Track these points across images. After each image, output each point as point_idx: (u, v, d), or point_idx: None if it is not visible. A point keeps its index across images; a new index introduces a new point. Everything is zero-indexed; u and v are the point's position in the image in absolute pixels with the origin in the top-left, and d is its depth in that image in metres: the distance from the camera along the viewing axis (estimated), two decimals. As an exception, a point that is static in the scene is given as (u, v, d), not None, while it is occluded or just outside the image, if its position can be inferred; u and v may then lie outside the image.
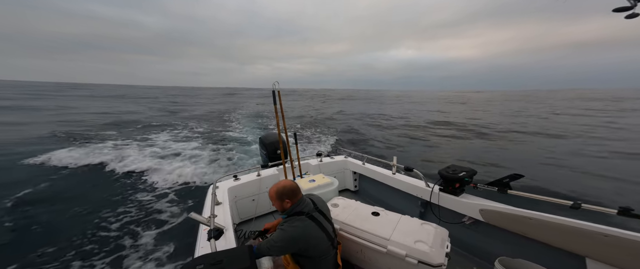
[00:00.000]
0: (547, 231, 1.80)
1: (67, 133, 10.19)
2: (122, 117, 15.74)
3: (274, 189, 1.56)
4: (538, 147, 9.71)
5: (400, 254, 1.61)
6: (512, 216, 1.97)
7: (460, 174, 2.28)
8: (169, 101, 35.01)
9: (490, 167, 7.27)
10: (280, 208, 1.57)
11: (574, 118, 18.52)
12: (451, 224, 2.31)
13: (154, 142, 9.71)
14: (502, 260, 1.77)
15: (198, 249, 1.71)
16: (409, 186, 2.81)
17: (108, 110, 19.66)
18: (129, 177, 6.07)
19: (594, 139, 10.99)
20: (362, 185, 3.74)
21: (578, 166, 7.22)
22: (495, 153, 8.97)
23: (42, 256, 3.27)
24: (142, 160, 7.09)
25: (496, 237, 2.14)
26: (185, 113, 20.30)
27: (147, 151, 8.21)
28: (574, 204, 1.73)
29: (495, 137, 11.85)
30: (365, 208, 2.10)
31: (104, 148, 8.12)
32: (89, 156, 7.11)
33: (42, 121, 13.28)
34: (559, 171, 6.94)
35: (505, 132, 13.07)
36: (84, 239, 3.64)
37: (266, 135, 4.03)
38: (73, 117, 15.48)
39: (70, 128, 11.38)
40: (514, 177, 2.12)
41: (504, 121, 17.36)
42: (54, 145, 8.16)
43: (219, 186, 2.78)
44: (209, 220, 1.74)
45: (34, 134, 9.83)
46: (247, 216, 3.03)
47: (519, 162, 7.92)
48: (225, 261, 1.17)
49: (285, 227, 1.48)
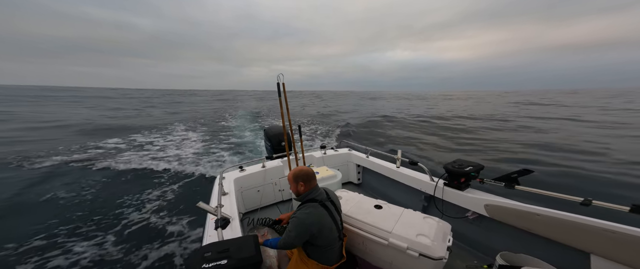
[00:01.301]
0: (552, 227, 1.78)
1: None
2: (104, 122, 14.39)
3: (292, 173, 1.65)
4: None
5: (402, 246, 1.62)
6: (518, 212, 1.94)
7: (467, 169, 2.24)
8: (164, 102, 34.53)
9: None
10: (295, 191, 1.64)
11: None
12: (454, 218, 2.30)
13: (160, 139, 9.90)
14: (503, 255, 1.77)
15: (206, 237, 1.77)
16: (413, 179, 2.80)
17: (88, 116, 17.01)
18: (135, 172, 6.26)
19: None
20: (366, 178, 3.75)
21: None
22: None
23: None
24: (141, 158, 7.16)
25: (499, 232, 2.12)
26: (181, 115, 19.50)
27: (152, 148, 8.42)
28: (585, 201, 1.70)
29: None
30: (368, 201, 2.11)
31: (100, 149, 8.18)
32: (91, 158, 7.12)
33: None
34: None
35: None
36: (93, 232, 3.77)
37: (271, 127, 4.05)
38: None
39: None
40: (523, 172, 2.06)
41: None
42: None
43: (225, 177, 2.84)
44: (216, 210, 1.79)
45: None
46: (253, 206, 3.10)
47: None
48: (231, 250, 1.21)
49: (298, 214, 1.52)
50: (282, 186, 3.29)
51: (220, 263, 1.12)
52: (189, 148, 8.42)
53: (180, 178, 5.72)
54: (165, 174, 5.95)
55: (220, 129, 12.12)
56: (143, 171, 6.18)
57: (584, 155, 7.02)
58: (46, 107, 21.82)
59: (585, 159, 6.57)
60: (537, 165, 6.05)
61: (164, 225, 3.86)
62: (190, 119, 16.54)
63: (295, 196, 1.68)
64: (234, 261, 1.14)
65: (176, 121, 15.12)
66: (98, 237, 3.55)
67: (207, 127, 13.35)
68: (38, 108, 20.97)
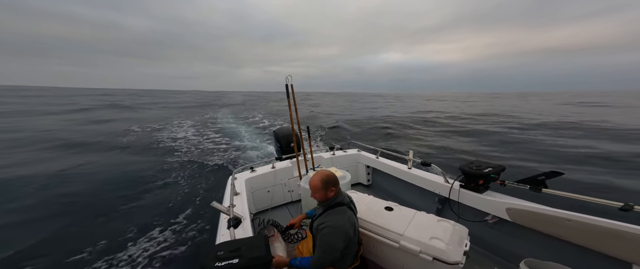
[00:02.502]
0: (586, 234, 1.63)
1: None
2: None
3: (319, 178, 1.51)
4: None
5: (414, 250, 1.55)
6: (546, 217, 1.79)
7: (486, 170, 2.12)
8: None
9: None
10: (324, 198, 1.53)
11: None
12: (472, 222, 2.17)
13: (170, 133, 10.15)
14: (528, 262, 1.64)
15: (219, 236, 1.81)
16: (426, 181, 2.69)
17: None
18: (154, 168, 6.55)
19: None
20: (375, 179, 3.67)
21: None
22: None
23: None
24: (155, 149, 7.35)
25: (523, 238, 1.97)
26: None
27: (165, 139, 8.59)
28: (625, 206, 1.53)
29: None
30: (378, 203, 2.05)
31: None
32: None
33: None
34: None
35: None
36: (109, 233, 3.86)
37: (280, 129, 4.09)
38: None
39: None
40: (551, 174, 1.89)
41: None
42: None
43: (237, 177, 2.88)
44: (229, 209, 1.82)
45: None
46: (263, 206, 3.13)
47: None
48: (243, 249, 1.23)
49: (329, 223, 1.42)
50: (292, 186, 3.28)
51: (232, 262, 1.14)
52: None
53: (193, 178, 5.92)
54: (177, 173, 6.17)
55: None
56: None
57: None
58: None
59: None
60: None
61: (179, 224, 4.00)
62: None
63: (320, 202, 1.58)
64: (245, 261, 1.16)
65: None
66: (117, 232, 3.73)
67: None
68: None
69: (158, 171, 6.33)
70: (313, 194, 1.56)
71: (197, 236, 3.67)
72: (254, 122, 16.42)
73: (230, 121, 16.85)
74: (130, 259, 3.19)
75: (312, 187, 1.55)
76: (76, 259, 3.18)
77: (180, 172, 6.30)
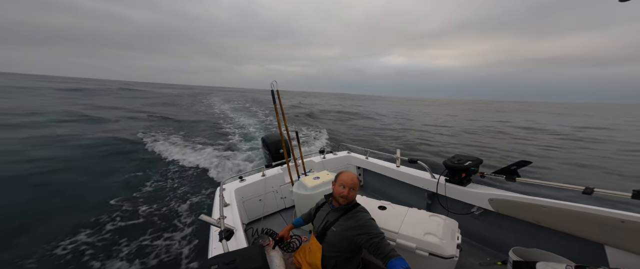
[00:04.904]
0: (561, 219, 1.76)
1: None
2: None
3: (352, 182, 1.49)
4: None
5: (410, 247, 1.59)
6: (523, 205, 1.93)
7: (466, 164, 2.24)
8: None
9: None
10: (352, 198, 1.52)
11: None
12: (460, 215, 2.28)
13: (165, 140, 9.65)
14: (516, 250, 1.74)
15: (211, 250, 1.73)
16: (414, 178, 2.79)
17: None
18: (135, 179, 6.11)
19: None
20: (367, 179, 3.73)
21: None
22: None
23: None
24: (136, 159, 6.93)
25: (508, 227, 2.10)
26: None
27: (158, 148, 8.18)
28: (586, 190, 1.69)
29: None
30: (371, 202, 2.09)
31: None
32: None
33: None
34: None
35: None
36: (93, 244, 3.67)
37: (268, 135, 4.02)
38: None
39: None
40: (521, 164, 2.07)
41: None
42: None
43: (225, 188, 2.79)
44: (219, 221, 1.76)
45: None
46: (256, 216, 3.05)
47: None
48: (238, 261, 1.19)
49: (366, 220, 1.43)
50: (284, 193, 3.24)
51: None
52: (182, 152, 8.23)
53: (179, 189, 5.60)
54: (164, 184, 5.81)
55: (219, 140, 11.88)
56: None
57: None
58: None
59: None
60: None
61: (168, 238, 3.76)
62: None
63: (348, 202, 1.52)
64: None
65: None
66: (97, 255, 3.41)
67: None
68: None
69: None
70: (349, 192, 1.47)
71: (188, 255, 3.46)
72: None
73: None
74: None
75: (353, 184, 1.49)
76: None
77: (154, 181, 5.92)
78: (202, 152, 8.19)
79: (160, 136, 9.98)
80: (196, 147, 8.89)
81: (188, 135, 10.55)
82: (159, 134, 10.14)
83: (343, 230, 1.45)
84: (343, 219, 1.49)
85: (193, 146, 8.97)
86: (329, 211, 1.63)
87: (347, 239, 1.43)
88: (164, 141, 9.30)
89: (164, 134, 10.24)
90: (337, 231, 1.47)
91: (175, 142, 9.26)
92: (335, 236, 1.48)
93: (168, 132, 10.67)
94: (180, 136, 10.17)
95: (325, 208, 1.69)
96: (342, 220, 1.49)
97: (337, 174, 1.63)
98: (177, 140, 9.61)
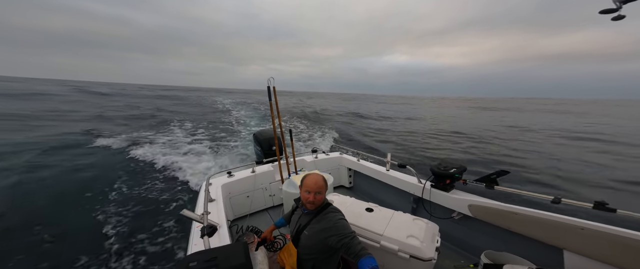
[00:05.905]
0: (529, 225, 1.90)
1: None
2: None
3: (322, 179, 1.49)
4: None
5: (393, 249, 1.65)
6: (498, 211, 2.05)
7: (451, 171, 2.34)
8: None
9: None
10: (319, 202, 1.49)
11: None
12: (442, 219, 2.39)
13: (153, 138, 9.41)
14: (488, 253, 1.86)
15: (191, 246, 1.69)
16: (402, 182, 2.88)
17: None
18: (114, 174, 5.90)
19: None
20: (357, 181, 3.80)
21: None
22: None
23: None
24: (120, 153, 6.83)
25: (483, 231, 2.23)
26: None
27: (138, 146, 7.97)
28: (555, 199, 1.84)
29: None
30: (359, 204, 2.14)
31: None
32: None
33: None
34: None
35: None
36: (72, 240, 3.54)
37: (261, 131, 3.99)
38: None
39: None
40: (500, 173, 2.20)
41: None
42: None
43: (212, 183, 2.74)
44: (202, 217, 1.71)
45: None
46: (242, 212, 3.03)
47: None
48: (219, 258, 1.14)
49: (337, 222, 1.42)
50: (273, 191, 3.24)
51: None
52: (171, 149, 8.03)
53: (162, 184, 5.45)
54: (146, 179, 5.64)
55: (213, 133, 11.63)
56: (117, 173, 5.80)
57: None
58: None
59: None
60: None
61: (146, 236, 3.65)
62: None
63: (317, 206, 1.51)
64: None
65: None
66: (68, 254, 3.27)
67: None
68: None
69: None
70: (315, 197, 1.45)
71: (166, 252, 3.34)
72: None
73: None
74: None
75: (318, 188, 1.45)
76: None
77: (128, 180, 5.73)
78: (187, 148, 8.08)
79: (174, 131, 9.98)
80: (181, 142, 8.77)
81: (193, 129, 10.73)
82: (159, 134, 10.07)
83: (315, 233, 1.45)
84: (314, 221, 1.48)
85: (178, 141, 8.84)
86: (301, 214, 1.60)
87: (320, 242, 1.43)
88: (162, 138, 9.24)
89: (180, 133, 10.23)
90: (309, 234, 1.47)
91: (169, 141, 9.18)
92: (309, 239, 1.47)
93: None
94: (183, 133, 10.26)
95: (298, 212, 1.66)
96: (314, 223, 1.48)
97: (302, 178, 1.54)
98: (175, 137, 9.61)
